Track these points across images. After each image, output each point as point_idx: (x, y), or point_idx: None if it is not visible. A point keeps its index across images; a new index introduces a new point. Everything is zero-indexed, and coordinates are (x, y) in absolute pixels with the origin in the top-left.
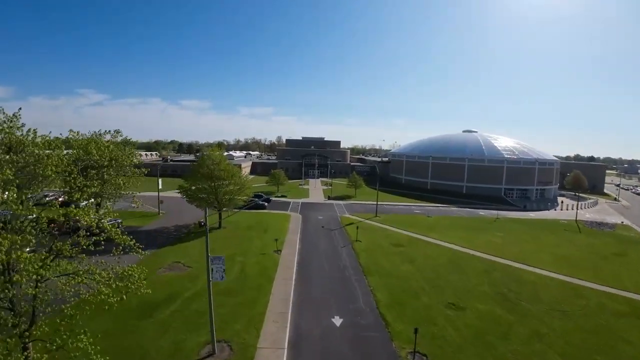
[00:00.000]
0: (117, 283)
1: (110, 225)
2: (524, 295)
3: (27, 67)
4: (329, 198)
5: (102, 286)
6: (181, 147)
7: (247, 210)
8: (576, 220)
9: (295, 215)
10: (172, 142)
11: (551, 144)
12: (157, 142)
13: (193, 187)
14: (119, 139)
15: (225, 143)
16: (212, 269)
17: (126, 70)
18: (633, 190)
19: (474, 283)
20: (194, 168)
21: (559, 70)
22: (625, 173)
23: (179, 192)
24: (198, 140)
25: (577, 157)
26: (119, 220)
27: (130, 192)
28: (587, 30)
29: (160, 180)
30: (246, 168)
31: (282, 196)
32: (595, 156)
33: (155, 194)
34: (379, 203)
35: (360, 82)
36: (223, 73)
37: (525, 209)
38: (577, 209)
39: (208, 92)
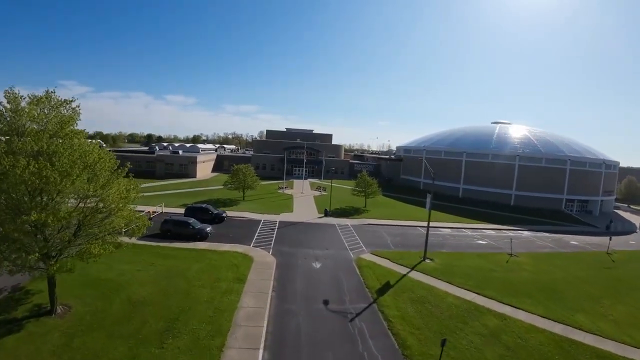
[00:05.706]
0: None
1: None
2: None
3: (8, 57)
4: (327, 213)
5: None
6: (150, 139)
7: (162, 244)
8: None
9: (264, 257)
10: (148, 135)
11: None
12: (131, 135)
13: None
14: None
15: (203, 137)
16: None
17: (111, 62)
18: None
19: None
20: None
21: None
22: None
23: None
24: (177, 135)
25: None
26: None
27: None
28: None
29: None
30: (208, 162)
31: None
32: None
33: None
34: (406, 224)
35: (347, 82)
36: (210, 69)
37: (609, 231)
38: None
39: (194, 87)
